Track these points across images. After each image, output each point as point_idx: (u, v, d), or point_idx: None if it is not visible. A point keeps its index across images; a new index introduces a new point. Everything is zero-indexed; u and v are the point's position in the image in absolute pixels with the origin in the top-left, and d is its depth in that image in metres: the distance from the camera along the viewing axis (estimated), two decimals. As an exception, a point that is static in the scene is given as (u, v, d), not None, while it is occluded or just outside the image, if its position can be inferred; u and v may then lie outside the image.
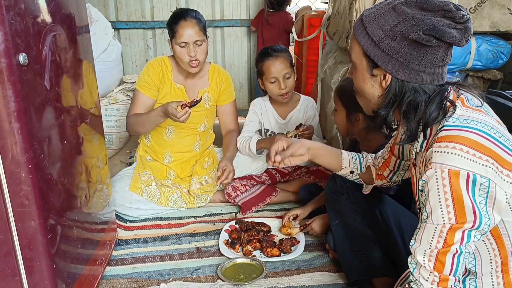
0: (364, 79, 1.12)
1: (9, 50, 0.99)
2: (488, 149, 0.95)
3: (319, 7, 4.20)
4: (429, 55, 1.01)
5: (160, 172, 2.30)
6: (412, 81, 1.04)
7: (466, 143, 0.95)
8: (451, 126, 1.00)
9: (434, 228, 0.99)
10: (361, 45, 1.08)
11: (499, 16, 2.09)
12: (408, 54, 1.02)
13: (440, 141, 0.98)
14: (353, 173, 1.51)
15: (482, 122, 0.99)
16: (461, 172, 0.94)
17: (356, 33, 1.10)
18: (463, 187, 0.94)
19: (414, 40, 1.00)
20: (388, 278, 1.52)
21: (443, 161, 0.96)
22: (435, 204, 0.98)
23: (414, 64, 1.02)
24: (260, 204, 2.21)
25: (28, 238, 1.14)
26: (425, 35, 0.98)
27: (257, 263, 1.73)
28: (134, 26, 3.85)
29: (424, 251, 1.02)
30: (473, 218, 0.95)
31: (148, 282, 1.67)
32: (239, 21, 3.97)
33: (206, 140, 2.44)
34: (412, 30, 0.99)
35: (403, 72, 1.04)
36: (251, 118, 2.37)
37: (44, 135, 1.16)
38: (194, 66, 2.12)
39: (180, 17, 2.09)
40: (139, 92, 2.20)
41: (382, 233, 1.54)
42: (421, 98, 1.05)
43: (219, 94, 2.35)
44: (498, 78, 2.21)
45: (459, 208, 0.95)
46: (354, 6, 2.11)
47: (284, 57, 2.20)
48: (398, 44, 1.02)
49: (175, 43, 2.09)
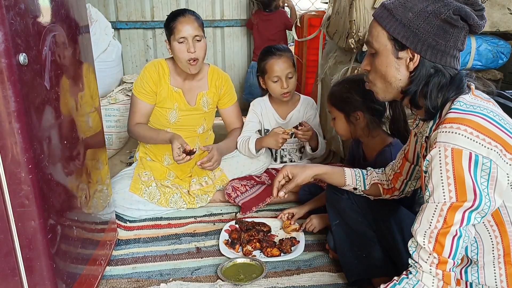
0: (388, 63, 1.15)
1: (9, 50, 0.99)
2: (492, 133, 0.98)
3: (319, 7, 4.20)
4: (454, 36, 1.08)
5: (160, 173, 2.30)
6: (437, 62, 1.09)
7: (471, 125, 0.99)
8: (459, 110, 1.04)
9: (435, 206, 1.02)
10: (387, 30, 1.12)
11: (499, 16, 2.09)
12: (437, 34, 1.07)
13: (446, 122, 1.02)
14: (356, 190, 1.55)
15: (488, 109, 1.03)
16: (463, 151, 0.97)
17: (380, 20, 1.14)
18: (465, 166, 0.97)
19: (444, 19, 1.05)
20: (388, 278, 1.52)
21: (447, 140, 0.99)
22: (437, 182, 1.01)
23: (441, 44, 1.08)
24: (260, 204, 2.21)
25: (28, 238, 1.14)
26: (455, 15, 1.05)
27: (257, 263, 1.73)
28: (134, 26, 3.85)
29: (425, 232, 1.04)
30: (473, 197, 0.98)
31: (148, 282, 1.67)
32: (239, 21, 3.98)
33: (205, 141, 2.44)
34: (444, 10, 1.05)
35: (431, 52, 1.09)
36: (250, 118, 2.37)
37: (44, 135, 1.16)
38: (193, 65, 2.11)
39: (178, 15, 2.10)
40: (137, 99, 2.20)
41: (383, 233, 1.54)
42: (445, 80, 1.10)
43: (219, 97, 2.35)
44: (498, 78, 2.21)
45: (460, 186, 0.98)
46: (354, 6, 2.11)
47: (287, 57, 2.20)
48: (428, 25, 1.07)
49: (173, 40, 2.08)
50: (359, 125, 1.79)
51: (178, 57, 2.10)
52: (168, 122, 2.25)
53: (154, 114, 2.27)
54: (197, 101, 2.28)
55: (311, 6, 4.37)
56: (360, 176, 1.53)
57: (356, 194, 1.57)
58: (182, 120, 2.26)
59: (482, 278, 1.10)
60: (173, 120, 2.25)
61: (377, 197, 1.54)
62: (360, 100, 1.73)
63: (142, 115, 2.22)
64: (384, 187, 1.50)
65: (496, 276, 1.08)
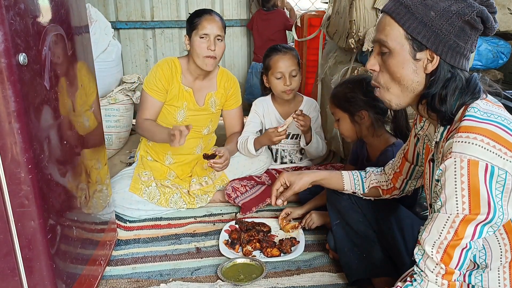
0: (405, 64, 1.08)
1: (9, 50, 0.99)
2: (508, 142, 0.95)
3: (319, 7, 4.20)
4: (471, 38, 1.04)
5: (160, 173, 2.30)
6: (456, 65, 1.05)
7: (487, 134, 0.96)
8: (474, 117, 1.00)
9: (446, 217, 0.99)
10: (405, 28, 1.05)
11: (499, 16, 2.08)
12: (458, 36, 1.03)
13: (461, 131, 0.98)
14: (355, 193, 1.55)
15: (502, 116, 1.00)
16: (480, 162, 0.94)
17: (397, 17, 1.06)
18: (481, 178, 0.94)
19: (467, 21, 1.01)
20: (388, 278, 1.52)
21: (463, 151, 0.96)
22: (451, 193, 0.98)
23: (461, 47, 1.04)
24: (260, 204, 2.21)
25: (28, 238, 1.13)
26: (477, 17, 1.01)
27: (257, 263, 1.73)
28: (134, 26, 3.84)
29: (434, 242, 1.01)
30: (487, 210, 0.95)
31: (148, 282, 1.67)
32: (239, 21, 3.98)
33: (208, 142, 2.45)
34: (468, 11, 1.01)
35: (451, 54, 1.04)
36: (252, 118, 2.37)
37: (43, 135, 1.16)
38: (210, 63, 2.12)
39: (204, 12, 2.14)
40: (148, 95, 2.20)
41: (383, 233, 1.54)
42: (461, 84, 1.05)
43: (226, 99, 2.35)
44: (498, 78, 2.21)
45: (474, 198, 0.95)
46: (354, 6, 2.11)
47: (292, 55, 2.21)
48: (451, 25, 1.02)
49: (195, 34, 2.09)
50: (364, 125, 1.79)
51: (196, 52, 2.11)
52: (175, 121, 2.25)
53: (162, 112, 2.27)
54: (205, 101, 2.28)
55: (311, 6, 4.37)
56: (359, 179, 1.53)
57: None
58: (190, 119, 2.27)
59: (485, 282, 1.08)
60: (181, 119, 2.25)
61: (378, 197, 1.54)
62: (364, 99, 1.73)
63: (152, 112, 2.22)
64: (383, 188, 1.50)
65: (500, 280, 1.07)
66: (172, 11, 3.86)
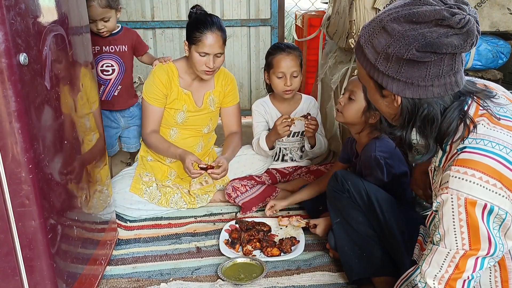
0: (376, 99, 1.09)
1: (9, 50, 0.99)
2: (508, 179, 0.93)
3: (319, 7, 4.20)
4: (433, 69, 0.96)
5: (161, 173, 2.30)
6: (422, 97, 0.99)
7: (486, 171, 0.93)
8: (472, 149, 0.96)
9: (446, 252, 0.98)
10: (364, 68, 1.05)
11: (499, 16, 2.09)
12: (409, 72, 0.97)
13: (459, 164, 0.95)
14: None
15: (502, 145, 0.95)
16: (478, 201, 0.93)
17: (357, 56, 1.06)
18: (479, 215, 0.93)
19: (409, 59, 0.95)
20: (388, 277, 1.53)
21: (460, 188, 0.94)
22: (449, 229, 0.96)
23: (419, 80, 0.97)
24: (260, 204, 2.21)
25: (28, 237, 1.14)
26: (419, 52, 0.93)
27: (257, 262, 1.73)
28: (134, 26, 3.84)
29: (435, 275, 1.01)
30: (488, 246, 0.95)
31: (148, 282, 1.67)
32: (239, 21, 3.97)
33: (208, 141, 2.45)
34: (404, 50, 0.94)
35: (409, 90, 0.99)
36: (257, 119, 2.37)
37: (44, 135, 1.16)
38: (209, 75, 2.13)
39: (206, 26, 2.02)
40: (149, 105, 2.20)
41: (383, 232, 1.54)
42: (436, 112, 1.00)
43: (224, 96, 2.35)
44: (498, 78, 2.21)
45: (473, 235, 0.94)
46: (354, 6, 2.11)
47: (296, 55, 2.21)
48: (396, 65, 0.97)
49: (195, 50, 2.06)
50: (371, 118, 1.71)
51: (195, 65, 2.10)
52: (175, 122, 2.26)
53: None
54: (204, 101, 2.28)
55: (311, 6, 4.37)
56: None
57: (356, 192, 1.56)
58: (190, 120, 2.27)
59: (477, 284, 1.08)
60: (181, 121, 2.26)
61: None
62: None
63: (156, 120, 2.23)
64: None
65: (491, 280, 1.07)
66: (172, 11, 3.85)
